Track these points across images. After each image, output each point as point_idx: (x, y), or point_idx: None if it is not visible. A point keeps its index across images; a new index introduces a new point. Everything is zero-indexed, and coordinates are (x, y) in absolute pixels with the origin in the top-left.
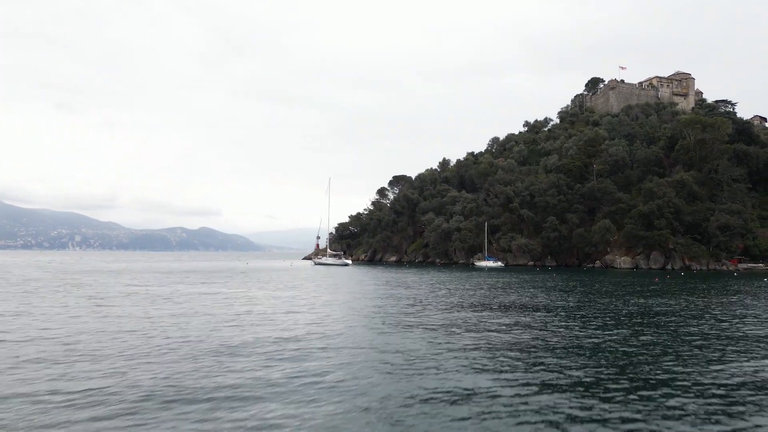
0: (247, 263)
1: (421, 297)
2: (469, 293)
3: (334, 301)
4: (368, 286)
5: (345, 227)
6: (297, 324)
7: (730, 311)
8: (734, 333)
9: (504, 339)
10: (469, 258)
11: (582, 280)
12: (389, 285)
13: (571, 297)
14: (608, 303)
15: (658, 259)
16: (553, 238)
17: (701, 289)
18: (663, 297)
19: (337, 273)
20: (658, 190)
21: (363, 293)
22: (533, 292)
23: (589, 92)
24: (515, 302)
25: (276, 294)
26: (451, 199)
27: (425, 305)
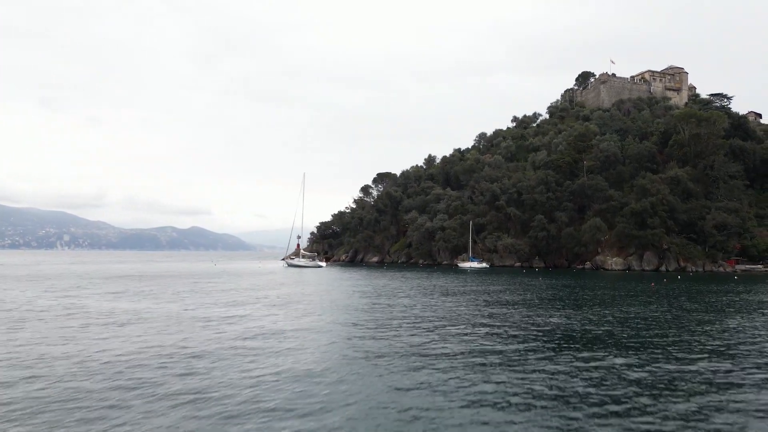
0: (215, 264)
1: (369, 321)
2: (431, 308)
3: (269, 330)
4: (330, 297)
5: (327, 226)
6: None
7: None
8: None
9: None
10: (454, 258)
11: (569, 287)
12: (351, 293)
13: (554, 315)
14: (600, 323)
15: (651, 260)
16: (541, 237)
17: (712, 304)
18: (668, 325)
19: (307, 278)
20: (651, 187)
21: (315, 310)
22: (507, 308)
23: (580, 87)
24: (479, 324)
25: (208, 314)
26: (435, 196)
27: (366, 335)
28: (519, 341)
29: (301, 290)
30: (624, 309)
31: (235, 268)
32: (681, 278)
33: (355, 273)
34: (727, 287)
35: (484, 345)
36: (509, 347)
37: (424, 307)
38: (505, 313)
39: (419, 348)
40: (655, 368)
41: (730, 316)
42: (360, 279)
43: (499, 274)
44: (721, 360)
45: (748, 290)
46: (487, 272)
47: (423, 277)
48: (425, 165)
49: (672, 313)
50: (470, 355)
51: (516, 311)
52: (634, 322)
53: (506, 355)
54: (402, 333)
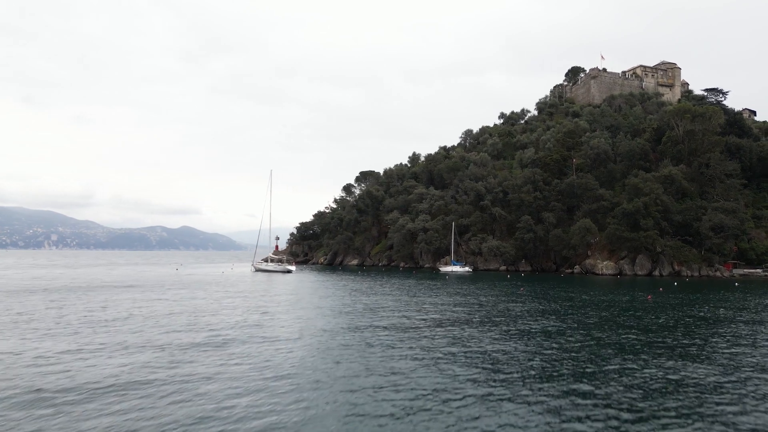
0: (178, 269)
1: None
2: (392, 330)
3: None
4: (275, 316)
5: (308, 227)
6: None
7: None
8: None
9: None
10: (436, 261)
11: (556, 297)
12: (301, 306)
13: (533, 336)
14: (594, 379)
15: (644, 264)
16: (527, 239)
17: (742, 336)
18: (675, 355)
19: (271, 288)
20: (644, 186)
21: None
22: (479, 330)
23: (570, 82)
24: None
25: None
26: (418, 196)
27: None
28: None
29: (273, 307)
30: (622, 340)
31: (197, 275)
32: (678, 285)
33: (325, 278)
34: (736, 299)
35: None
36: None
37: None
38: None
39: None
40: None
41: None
42: (324, 288)
43: (481, 281)
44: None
45: (764, 305)
46: (469, 278)
47: (394, 286)
48: (410, 163)
49: (693, 358)
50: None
51: (474, 347)
52: (640, 378)
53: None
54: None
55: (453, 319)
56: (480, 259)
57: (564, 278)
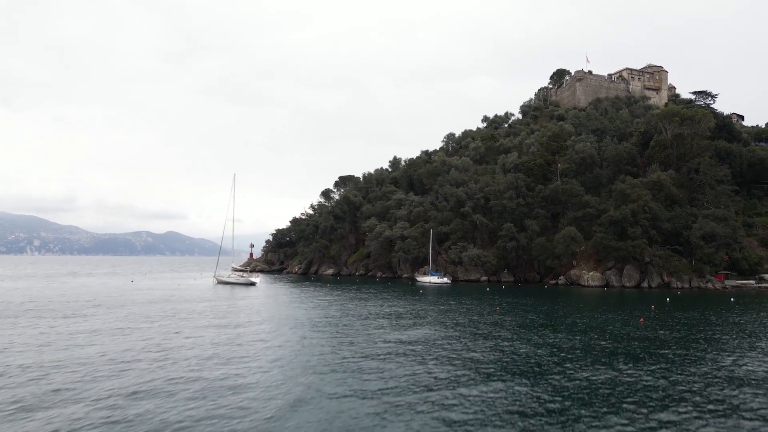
0: (132, 281)
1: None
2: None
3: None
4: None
5: (284, 234)
6: None
7: None
8: None
9: None
10: (415, 271)
11: (535, 322)
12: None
13: (502, 375)
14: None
15: (632, 275)
16: (509, 248)
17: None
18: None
19: (224, 306)
20: (631, 192)
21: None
22: (438, 360)
23: (555, 85)
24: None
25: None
26: (397, 202)
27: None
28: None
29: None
30: (622, 386)
31: (150, 289)
32: (670, 302)
33: (290, 292)
34: (738, 315)
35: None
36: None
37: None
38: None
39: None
40: None
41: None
42: (284, 305)
43: (457, 295)
44: None
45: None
46: (446, 291)
47: (359, 304)
48: (390, 167)
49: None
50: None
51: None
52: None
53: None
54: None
55: (395, 376)
56: (460, 269)
57: (548, 291)
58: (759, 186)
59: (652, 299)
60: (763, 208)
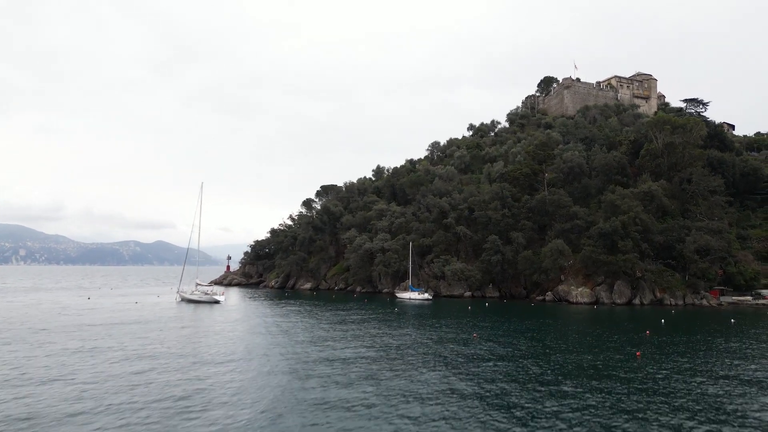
0: (89, 298)
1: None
2: None
3: None
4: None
5: (263, 245)
6: None
7: None
8: None
9: None
10: (396, 286)
11: (516, 353)
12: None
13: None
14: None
15: (623, 291)
16: (494, 262)
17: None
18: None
19: (164, 334)
20: (621, 203)
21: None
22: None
23: (542, 93)
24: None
25: None
26: (378, 212)
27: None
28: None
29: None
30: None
31: (101, 308)
32: (665, 323)
33: (258, 312)
34: (743, 341)
35: None
36: None
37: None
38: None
39: None
40: None
41: None
42: (232, 335)
43: (435, 314)
44: None
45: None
46: (426, 309)
47: (324, 328)
48: (374, 176)
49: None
50: None
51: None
52: None
53: None
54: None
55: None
56: (443, 284)
57: (534, 308)
58: (752, 197)
59: (646, 319)
60: (757, 220)
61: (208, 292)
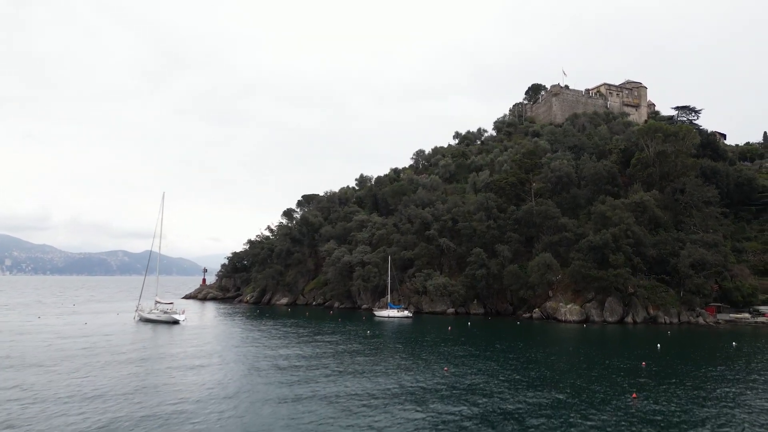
0: (39, 317)
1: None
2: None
3: None
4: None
5: (240, 257)
6: None
7: None
8: None
9: None
10: (376, 301)
11: (498, 374)
12: None
13: None
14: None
15: (615, 309)
16: (479, 276)
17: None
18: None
19: (108, 369)
20: (612, 214)
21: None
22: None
23: (530, 101)
24: None
25: None
26: (358, 223)
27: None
28: None
29: None
30: None
31: (47, 332)
32: (661, 348)
33: (218, 334)
34: (755, 371)
35: None
36: None
37: None
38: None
39: None
40: None
41: None
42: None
43: (414, 335)
44: None
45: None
46: (405, 328)
47: (290, 355)
48: (358, 186)
49: None
50: None
51: None
52: None
53: None
54: None
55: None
56: (425, 300)
57: (520, 327)
58: (747, 208)
59: (640, 341)
60: (752, 232)
61: (168, 310)
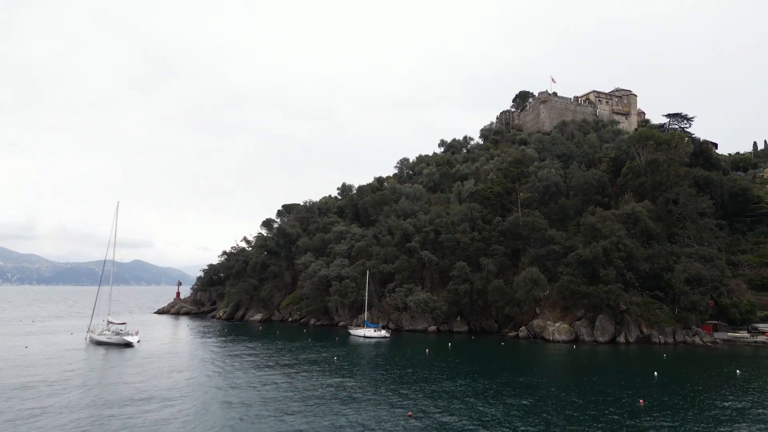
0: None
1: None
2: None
3: None
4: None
5: (216, 269)
6: None
7: None
8: None
9: None
10: (354, 318)
11: (471, 413)
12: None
13: None
14: None
15: (606, 328)
16: (462, 292)
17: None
18: None
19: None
20: (603, 226)
21: None
22: None
23: (518, 108)
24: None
25: None
26: (337, 235)
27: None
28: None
29: None
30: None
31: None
32: (659, 374)
33: (173, 362)
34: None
35: None
36: None
37: None
38: None
39: None
40: None
41: None
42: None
43: (387, 359)
44: None
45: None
46: (378, 351)
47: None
48: (340, 195)
49: None
50: None
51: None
52: None
53: None
54: None
55: None
56: (405, 316)
57: (505, 348)
58: (742, 219)
59: (634, 365)
60: (747, 245)
61: (120, 331)
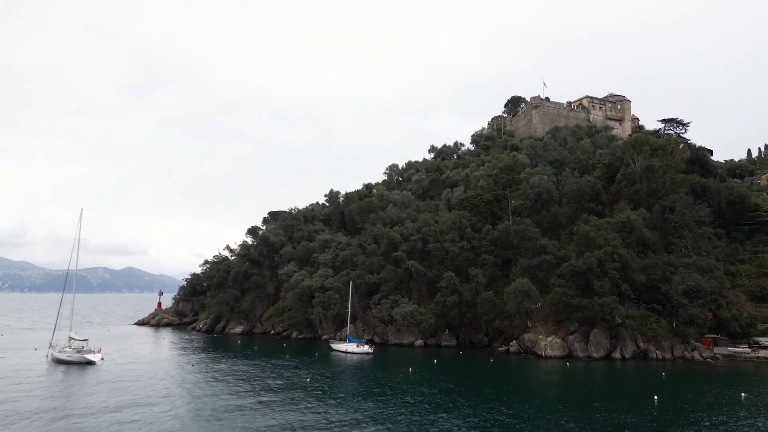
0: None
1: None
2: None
3: None
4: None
5: (199, 279)
6: None
7: None
8: None
9: None
10: (338, 331)
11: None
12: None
13: None
14: None
15: (601, 342)
16: (450, 304)
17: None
18: None
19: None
20: (597, 235)
21: None
22: None
23: (510, 114)
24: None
25: None
26: (321, 243)
27: None
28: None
29: None
30: None
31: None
32: (659, 403)
33: (135, 385)
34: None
35: None
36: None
37: None
38: None
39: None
40: None
41: None
42: None
43: (367, 379)
44: None
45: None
46: (359, 369)
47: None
48: (327, 202)
49: None
50: None
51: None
52: None
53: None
54: None
55: None
56: (391, 330)
57: (494, 365)
58: (740, 227)
59: (630, 384)
60: (746, 254)
61: (82, 348)
